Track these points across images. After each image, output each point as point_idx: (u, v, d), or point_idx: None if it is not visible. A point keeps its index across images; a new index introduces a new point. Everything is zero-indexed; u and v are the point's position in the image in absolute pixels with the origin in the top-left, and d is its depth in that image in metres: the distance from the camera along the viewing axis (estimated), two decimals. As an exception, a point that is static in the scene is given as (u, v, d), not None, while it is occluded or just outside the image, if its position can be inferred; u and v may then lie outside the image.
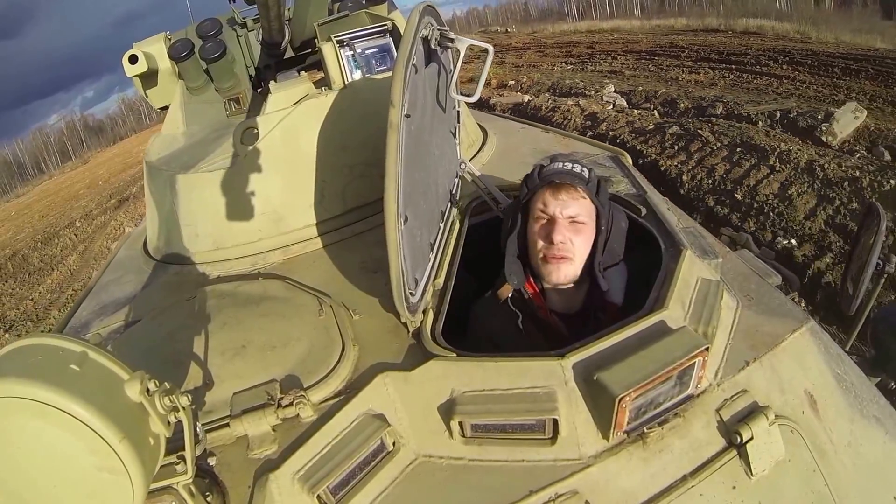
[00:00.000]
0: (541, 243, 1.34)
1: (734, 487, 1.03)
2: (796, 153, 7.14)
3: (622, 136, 9.21)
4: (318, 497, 0.98)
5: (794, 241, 5.87)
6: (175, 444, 0.87)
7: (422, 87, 1.25)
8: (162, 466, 0.86)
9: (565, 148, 2.24)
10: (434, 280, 1.37)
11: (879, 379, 1.74)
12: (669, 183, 7.28)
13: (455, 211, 1.66)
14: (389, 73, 1.90)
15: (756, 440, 1.04)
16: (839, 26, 15.59)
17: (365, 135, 1.81)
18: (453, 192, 1.69)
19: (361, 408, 1.09)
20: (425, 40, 1.25)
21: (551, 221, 1.32)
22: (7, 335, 9.37)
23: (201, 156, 1.98)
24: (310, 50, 2.61)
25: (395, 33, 2.06)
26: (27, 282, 12.53)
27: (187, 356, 1.25)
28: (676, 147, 8.28)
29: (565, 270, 1.33)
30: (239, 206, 1.80)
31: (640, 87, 12.61)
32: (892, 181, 5.94)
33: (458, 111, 1.72)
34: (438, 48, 1.32)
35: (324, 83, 2.04)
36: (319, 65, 2.39)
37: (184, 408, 0.84)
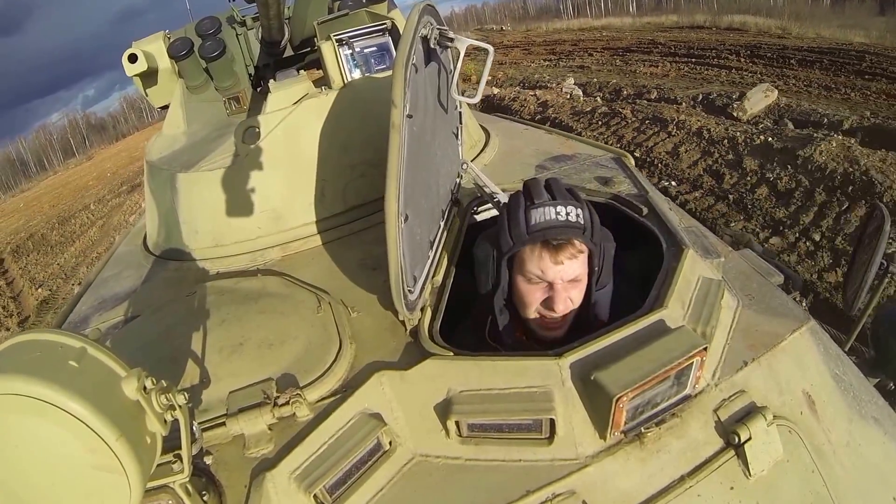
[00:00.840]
0: (538, 308, 1.20)
1: (732, 488, 1.03)
2: (693, 122, 8.71)
3: (561, 117, 11.11)
4: (315, 496, 0.98)
5: (674, 183, 7.50)
6: (171, 443, 0.87)
7: (422, 87, 1.24)
8: (158, 465, 0.86)
9: (568, 149, 2.23)
10: (433, 278, 1.37)
11: (878, 379, 1.74)
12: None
13: (456, 210, 1.66)
14: (389, 73, 1.90)
15: (754, 440, 1.04)
16: (825, 22, 15.79)
17: (366, 134, 1.81)
18: (454, 191, 1.69)
19: (357, 407, 1.09)
20: (424, 39, 1.24)
21: (551, 288, 1.17)
22: (39, 290, 10.06)
23: (202, 155, 1.98)
24: (309, 49, 2.61)
25: (394, 32, 2.05)
26: (50, 253, 13.02)
27: (185, 353, 1.25)
28: (600, 122, 10.32)
29: (564, 328, 1.23)
30: (239, 204, 1.80)
31: (596, 79, 14.13)
32: (761, 137, 7.51)
33: (461, 112, 1.71)
34: (438, 48, 1.32)
35: (323, 82, 2.04)
36: (318, 63, 2.38)
37: (180, 406, 0.84)
